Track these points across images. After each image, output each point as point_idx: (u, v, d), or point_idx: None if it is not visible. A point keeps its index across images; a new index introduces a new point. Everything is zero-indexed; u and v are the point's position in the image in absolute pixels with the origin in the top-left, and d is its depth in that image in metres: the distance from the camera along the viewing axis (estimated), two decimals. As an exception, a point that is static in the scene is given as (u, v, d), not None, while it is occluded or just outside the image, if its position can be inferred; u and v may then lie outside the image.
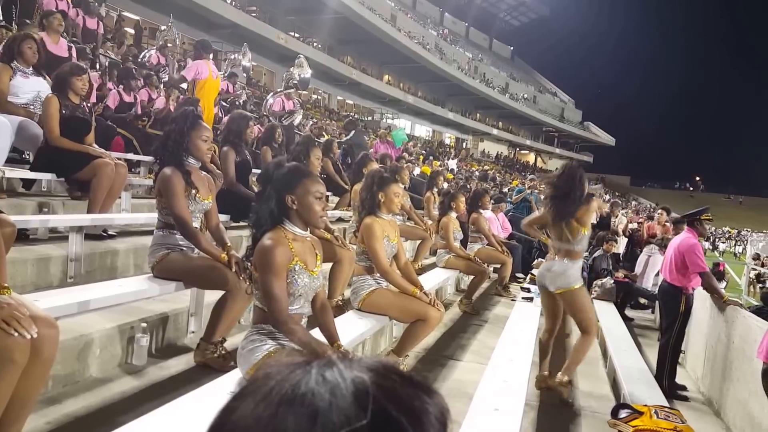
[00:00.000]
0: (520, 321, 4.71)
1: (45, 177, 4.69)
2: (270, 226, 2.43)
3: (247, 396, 0.48)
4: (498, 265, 7.48)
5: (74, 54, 6.49)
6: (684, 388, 5.23)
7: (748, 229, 49.53)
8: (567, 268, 4.07)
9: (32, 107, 4.72)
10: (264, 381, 0.49)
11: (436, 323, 3.81)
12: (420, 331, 3.74)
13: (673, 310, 5.26)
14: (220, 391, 2.20)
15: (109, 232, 4.43)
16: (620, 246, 10.53)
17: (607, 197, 39.28)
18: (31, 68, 4.79)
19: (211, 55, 7.57)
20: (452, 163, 26.71)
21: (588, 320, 4.12)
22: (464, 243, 6.94)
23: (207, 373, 2.98)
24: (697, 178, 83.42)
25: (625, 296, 8.17)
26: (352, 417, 0.44)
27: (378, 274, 3.81)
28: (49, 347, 2.01)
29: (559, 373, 4.16)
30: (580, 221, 4.01)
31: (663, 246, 9.04)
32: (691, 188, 79.10)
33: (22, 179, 4.85)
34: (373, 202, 3.82)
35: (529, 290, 5.89)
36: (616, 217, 11.27)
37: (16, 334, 1.86)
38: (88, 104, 4.71)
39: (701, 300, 5.59)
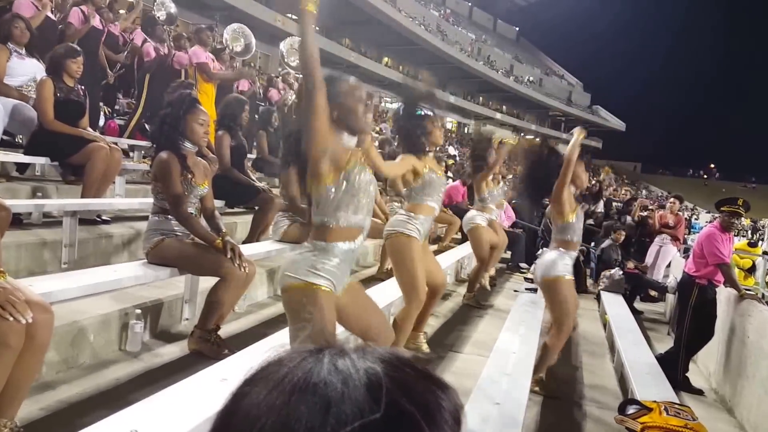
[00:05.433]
0: (522, 312, 4.61)
1: (39, 161, 4.65)
2: None
3: (259, 382, 0.48)
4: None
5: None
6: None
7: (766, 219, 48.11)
8: (556, 257, 3.70)
9: (26, 90, 4.67)
10: (276, 367, 0.49)
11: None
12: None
13: (684, 302, 5.02)
14: (213, 378, 2.20)
15: (103, 218, 4.41)
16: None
17: (615, 185, 39.00)
18: (25, 50, 4.74)
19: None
20: (452, 149, 26.47)
21: (565, 315, 3.70)
22: None
23: (201, 360, 2.98)
24: (712, 165, 79.85)
25: (635, 288, 7.72)
26: (365, 409, 0.44)
27: None
28: (44, 332, 2.02)
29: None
30: (556, 209, 3.68)
31: (675, 238, 8.66)
32: (705, 176, 75.15)
33: (15, 163, 4.82)
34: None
35: (532, 281, 5.83)
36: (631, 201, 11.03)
37: (11, 318, 1.87)
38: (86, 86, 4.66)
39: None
